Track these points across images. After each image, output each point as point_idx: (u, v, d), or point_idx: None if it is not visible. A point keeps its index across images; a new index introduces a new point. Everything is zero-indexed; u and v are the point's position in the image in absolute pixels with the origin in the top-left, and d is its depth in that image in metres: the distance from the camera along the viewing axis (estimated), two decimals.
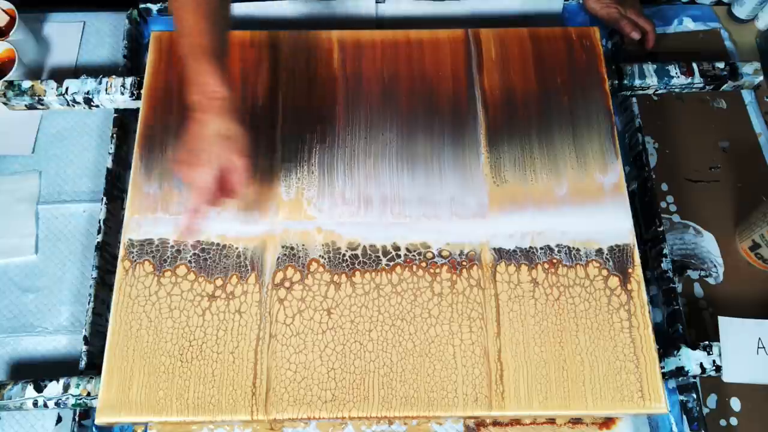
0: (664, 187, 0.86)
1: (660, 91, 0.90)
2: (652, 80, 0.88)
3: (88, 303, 0.75)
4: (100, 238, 0.78)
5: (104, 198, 0.80)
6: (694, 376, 0.72)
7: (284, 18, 0.93)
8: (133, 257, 0.73)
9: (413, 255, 0.74)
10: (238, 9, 0.93)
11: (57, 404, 0.70)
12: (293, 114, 0.81)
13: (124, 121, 0.86)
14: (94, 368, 0.73)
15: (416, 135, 0.80)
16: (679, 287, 0.80)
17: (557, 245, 0.74)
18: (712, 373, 0.72)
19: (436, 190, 0.77)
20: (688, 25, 0.98)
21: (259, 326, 0.70)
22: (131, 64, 0.90)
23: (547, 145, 0.80)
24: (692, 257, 0.82)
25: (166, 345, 0.69)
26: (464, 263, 0.73)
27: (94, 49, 0.95)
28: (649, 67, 0.88)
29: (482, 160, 0.79)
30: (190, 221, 0.67)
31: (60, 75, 0.93)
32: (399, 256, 0.74)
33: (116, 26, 0.96)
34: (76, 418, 0.71)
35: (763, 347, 0.72)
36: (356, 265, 0.73)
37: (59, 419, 0.74)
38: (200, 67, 0.63)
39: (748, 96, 0.92)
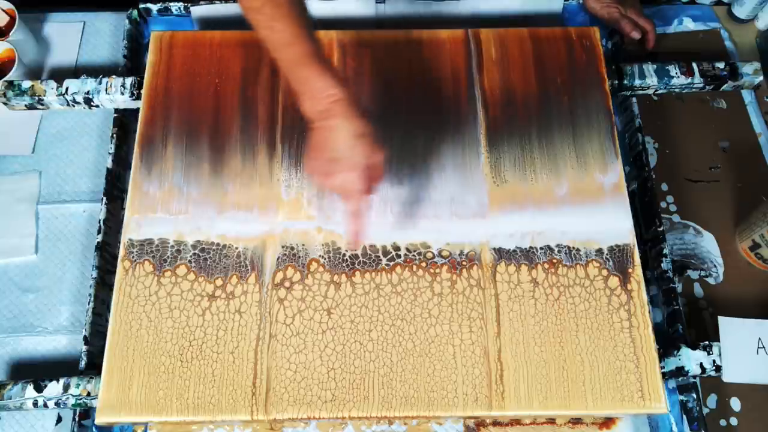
0: (664, 187, 0.86)
1: (660, 91, 0.90)
2: (652, 80, 0.88)
3: (88, 303, 0.75)
4: (100, 238, 0.78)
5: (104, 198, 0.80)
6: (694, 376, 0.72)
7: None
8: (133, 257, 0.73)
9: (413, 255, 0.74)
10: (238, 9, 0.92)
11: (57, 404, 0.70)
12: (293, 114, 0.81)
13: (124, 121, 0.86)
14: (94, 368, 0.73)
15: (416, 135, 0.80)
16: (679, 287, 0.80)
17: (557, 245, 0.74)
18: (712, 373, 0.72)
19: (436, 190, 0.77)
20: (688, 25, 0.98)
21: (259, 326, 0.70)
22: (131, 64, 0.90)
23: (547, 145, 0.80)
24: (692, 257, 0.82)
25: (166, 345, 0.69)
26: (464, 263, 0.73)
27: (94, 49, 0.95)
28: (649, 67, 0.88)
29: (482, 159, 0.79)
30: (356, 227, 0.66)
31: (60, 75, 0.93)
32: (399, 256, 0.74)
33: (116, 26, 0.96)
34: (76, 418, 0.71)
35: (763, 347, 0.72)
36: (356, 265, 0.73)
37: (59, 419, 0.74)
38: (309, 73, 0.61)
39: (748, 96, 0.92)
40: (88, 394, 0.70)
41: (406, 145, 0.79)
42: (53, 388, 0.71)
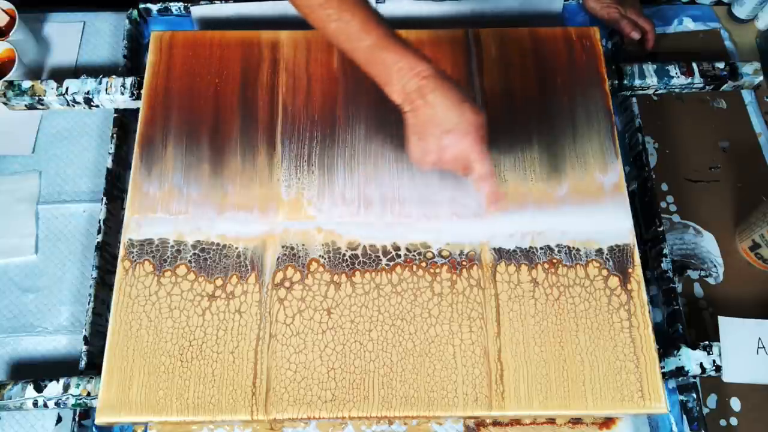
0: (664, 187, 0.86)
1: (660, 91, 0.90)
2: (652, 80, 0.88)
3: (88, 303, 0.75)
4: (100, 238, 0.78)
5: (104, 198, 0.80)
6: (694, 376, 0.72)
7: (284, 18, 0.93)
8: (133, 257, 0.73)
9: (413, 255, 0.74)
10: (238, 9, 0.93)
11: (57, 404, 0.70)
12: (293, 114, 0.81)
13: (124, 121, 0.86)
14: (94, 368, 0.73)
15: None
16: (679, 287, 0.80)
17: (557, 245, 0.74)
18: (712, 373, 0.72)
19: (436, 190, 0.77)
20: (688, 25, 0.98)
21: (259, 326, 0.70)
22: (131, 64, 0.90)
23: (547, 145, 0.80)
24: (692, 257, 0.82)
25: (166, 345, 0.69)
26: (464, 263, 0.73)
27: (94, 49, 0.95)
28: (649, 67, 0.88)
29: None
30: (494, 187, 0.66)
31: (60, 75, 0.93)
32: (399, 256, 0.74)
33: (116, 26, 0.96)
34: (76, 418, 0.71)
35: (763, 347, 0.72)
36: (356, 265, 0.73)
37: (59, 419, 0.74)
38: (392, 55, 0.60)
39: (748, 96, 0.92)
40: (88, 394, 0.70)
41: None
42: (53, 388, 0.71)
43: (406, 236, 0.75)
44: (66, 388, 0.71)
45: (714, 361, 0.72)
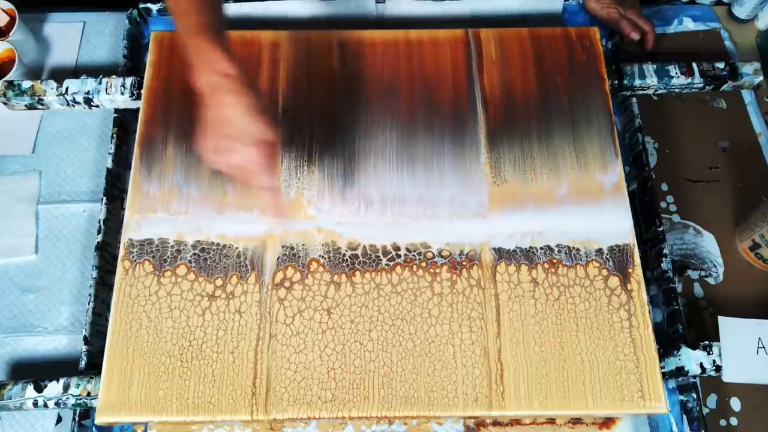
0: (664, 187, 0.86)
1: (660, 91, 0.90)
2: (652, 80, 0.88)
3: (88, 303, 0.75)
4: (100, 238, 0.78)
5: (104, 198, 0.80)
6: (694, 376, 0.72)
7: (284, 18, 0.93)
8: (133, 257, 0.73)
9: (413, 255, 0.74)
10: (238, 9, 0.93)
11: (57, 404, 0.70)
12: (293, 114, 0.81)
13: (124, 121, 0.86)
14: (94, 368, 0.73)
15: (416, 135, 0.80)
16: (679, 287, 0.80)
17: (557, 245, 0.74)
18: (712, 373, 0.72)
19: (436, 190, 0.77)
20: (688, 25, 0.98)
21: (259, 326, 0.70)
22: (131, 64, 0.90)
23: (547, 145, 0.80)
24: (692, 257, 0.82)
25: (166, 345, 0.69)
26: (464, 263, 0.73)
27: (94, 49, 0.95)
28: (649, 67, 0.88)
29: (482, 159, 0.79)
30: (275, 200, 0.66)
31: (60, 75, 0.93)
32: (399, 256, 0.74)
33: (116, 26, 0.96)
34: (76, 418, 0.71)
35: (763, 347, 0.72)
36: (356, 265, 0.73)
37: (59, 419, 0.74)
38: (203, 43, 0.60)
39: (748, 96, 0.92)
40: (88, 394, 0.70)
41: (406, 145, 0.79)
42: (53, 388, 0.71)
43: (406, 236, 0.75)
44: (66, 388, 0.71)
45: (714, 361, 0.72)
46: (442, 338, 0.70)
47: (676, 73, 0.88)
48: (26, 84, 0.86)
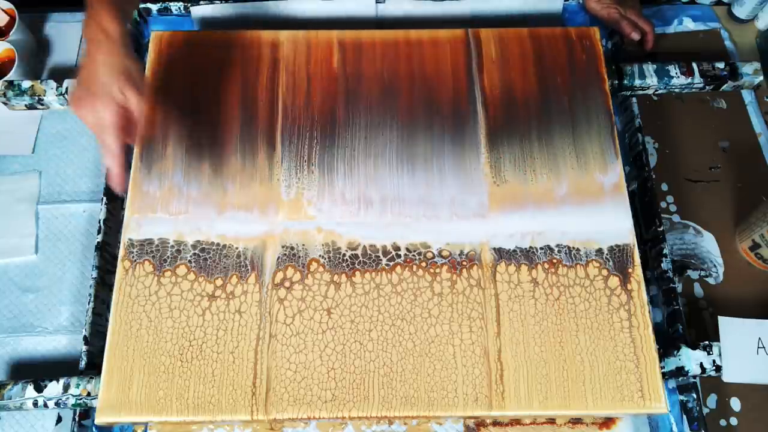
0: (664, 187, 0.86)
1: (660, 91, 0.90)
2: (652, 80, 0.88)
3: (88, 303, 0.75)
4: (100, 238, 0.78)
5: (104, 198, 0.80)
6: (694, 376, 0.72)
7: (284, 18, 0.93)
8: (133, 257, 0.73)
9: (413, 255, 0.74)
10: (238, 9, 0.93)
11: (57, 404, 0.70)
12: (293, 114, 0.81)
13: None
14: (94, 368, 0.73)
15: (416, 135, 0.80)
16: (679, 287, 0.80)
17: (557, 245, 0.74)
18: (712, 373, 0.72)
19: (436, 190, 0.77)
20: (688, 25, 0.98)
21: (259, 326, 0.70)
22: None
23: (547, 145, 0.80)
24: (692, 257, 0.82)
25: (166, 345, 0.69)
26: (464, 263, 0.73)
27: None
28: (649, 67, 0.88)
29: (482, 160, 0.79)
30: (115, 167, 0.66)
31: (60, 75, 0.93)
32: (399, 256, 0.74)
33: None
34: (76, 418, 0.71)
35: (763, 347, 0.72)
36: (356, 265, 0.73)
37: (59, 419, 0.74)
38: (98, 6, 0.64)
39: (748, 96, 0.92)
40: (88, 394, 0.70)
41: (406, 145, 0.79)
42: (53, 388, 0.71)
43: (406, 236, 0.75)
44: (66, 388, 0.71)
45: (714, 361, 0.72)
46: (442, 338, 0.70)
47: (676, 73, 0.88)
48: (26, 84, 0.86)
